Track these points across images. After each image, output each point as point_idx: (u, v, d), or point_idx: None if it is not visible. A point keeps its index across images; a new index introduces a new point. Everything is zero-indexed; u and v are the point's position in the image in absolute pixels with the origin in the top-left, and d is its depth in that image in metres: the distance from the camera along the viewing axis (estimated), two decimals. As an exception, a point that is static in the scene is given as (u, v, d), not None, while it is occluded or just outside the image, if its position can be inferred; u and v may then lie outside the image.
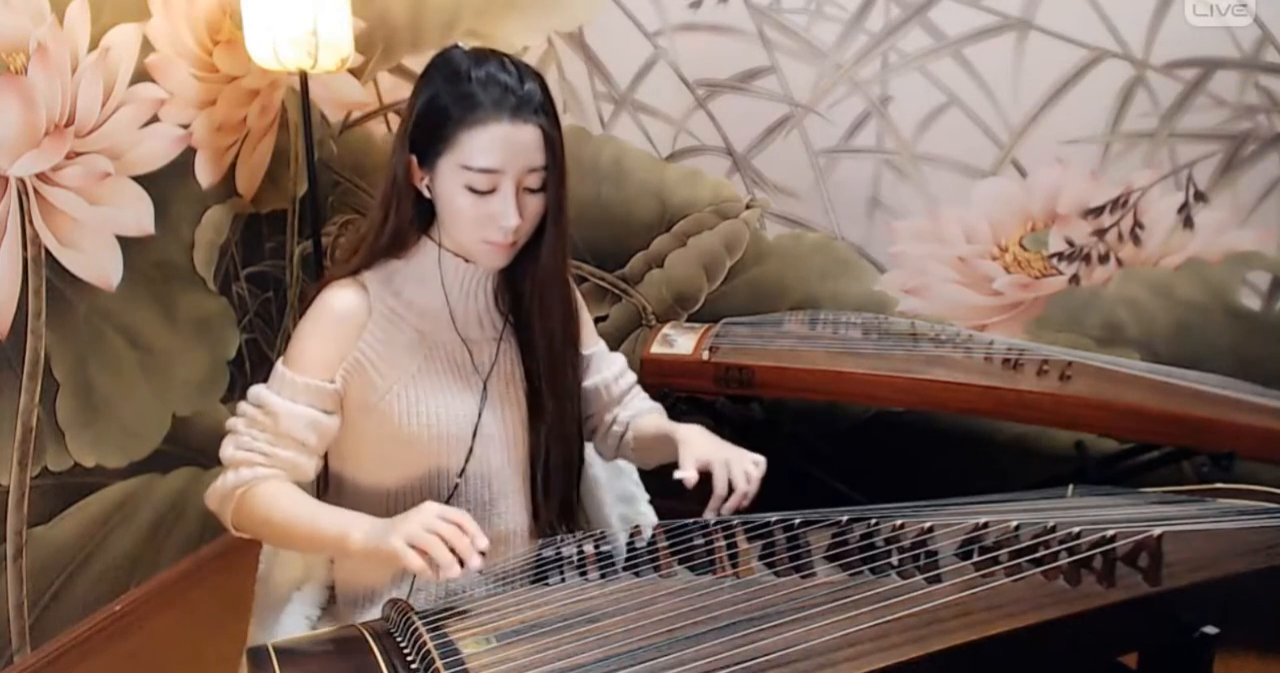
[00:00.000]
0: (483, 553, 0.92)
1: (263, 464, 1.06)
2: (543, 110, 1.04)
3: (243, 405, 1.10)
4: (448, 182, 1.05)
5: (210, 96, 2.12)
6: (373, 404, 1.11)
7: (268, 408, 1.07)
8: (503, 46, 1.14)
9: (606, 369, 1.28)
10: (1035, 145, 2.00)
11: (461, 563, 0.90)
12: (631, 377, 1.32)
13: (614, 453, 1.30)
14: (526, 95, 1.03)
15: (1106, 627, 0.95)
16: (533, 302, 1.16)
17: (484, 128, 1.02)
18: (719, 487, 1.05)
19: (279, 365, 1.10)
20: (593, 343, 1.28)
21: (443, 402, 1.13)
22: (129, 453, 1.99)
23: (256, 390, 1.09)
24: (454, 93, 1.03)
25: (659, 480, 1.24)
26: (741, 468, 1.06)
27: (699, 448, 1.09)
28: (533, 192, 1.06)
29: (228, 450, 1.08)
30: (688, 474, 1.05)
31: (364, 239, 1.13)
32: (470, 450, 1.14)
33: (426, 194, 1.09)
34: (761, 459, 1.09)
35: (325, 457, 1.19)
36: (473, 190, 1.04)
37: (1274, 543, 1.10)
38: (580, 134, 2.24)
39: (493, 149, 1.02)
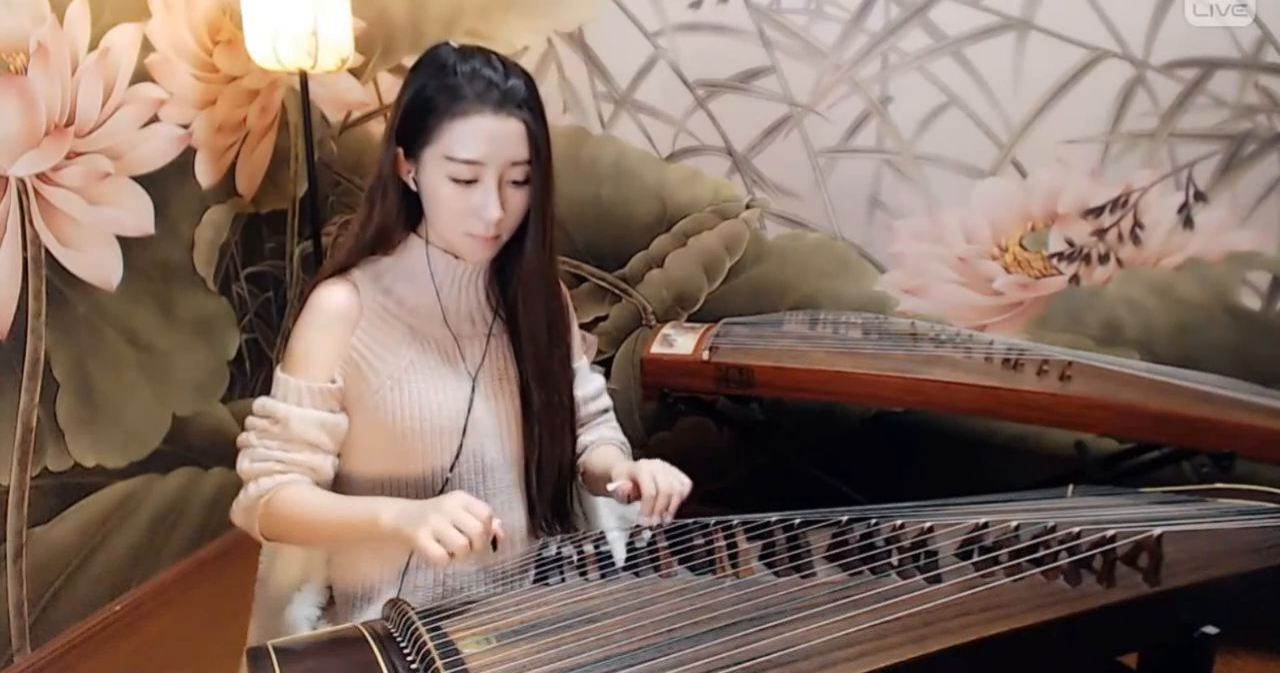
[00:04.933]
0: (495, 546, 0.96)
1: (280, 471, 1.07)
2: (527, 105, 1.06)
3: (250, 419, 1.11)
4: (432, 173, 1.07)
5: (210, 96, 2.12)
6: (366, 399, 1.11)
7: (275, 416, 1.08)
8: (503, 47, 1.14)
9: (580, 389, 1.28)
10: (1035, 145, 2.00)
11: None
12: (605, 401, 1.33)
13: None
14: (511, 89, 1.05)
15: (1106, 627, 0.95)
16: (518, 297, 1.17)
17: (467, 119, 1.04)
18: (646, 489, 1.07)
19: (279, 373, 1.10)
20: (576, 358, 1.28)
21: (434, 396, 1.13)
22: (129, 453, 1.99)
23: (261, 402, 1.10)
24: (440, 85, 1.05)
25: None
26: (653, 472, 1.08)
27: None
28: (517, 185, 1.08)
29: (244, 464, 1.09)
30: (619, 484, 1.09)
31: (351, 234, 1.14)
32: (461, 444, 1.14)
33: (413, 187, 1.10)
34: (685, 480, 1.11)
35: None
36: (455, 181, 1.05)
37: (1274, 543, 1.10)
38: (580, 134, 2.24)
39: (476, 140, 1.04)
